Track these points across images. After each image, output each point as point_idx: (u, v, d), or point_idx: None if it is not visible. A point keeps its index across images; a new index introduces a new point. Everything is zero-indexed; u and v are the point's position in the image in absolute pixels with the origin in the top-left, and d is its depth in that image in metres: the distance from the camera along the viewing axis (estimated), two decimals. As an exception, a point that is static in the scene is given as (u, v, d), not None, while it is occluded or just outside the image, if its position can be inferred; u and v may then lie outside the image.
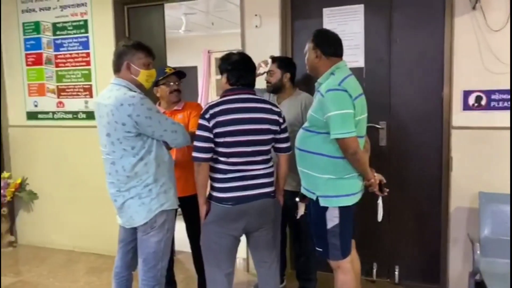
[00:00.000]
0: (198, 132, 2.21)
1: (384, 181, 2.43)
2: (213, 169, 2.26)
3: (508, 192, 2.75)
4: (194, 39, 7.72)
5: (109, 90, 2.25)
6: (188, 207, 2.66)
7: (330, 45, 2.37)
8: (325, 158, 2.27)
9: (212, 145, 2.21)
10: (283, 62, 2.98)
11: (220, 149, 2.22)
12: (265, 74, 3.03)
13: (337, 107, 2.17)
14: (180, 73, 2.91)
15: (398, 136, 3.18)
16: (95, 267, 3.76)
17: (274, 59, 3.01)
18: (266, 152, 2.31)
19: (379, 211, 2.45)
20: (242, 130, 2.20)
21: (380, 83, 3.18)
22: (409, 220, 3.22)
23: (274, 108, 2.31)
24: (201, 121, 2.21)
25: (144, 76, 2.29)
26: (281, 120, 2.32)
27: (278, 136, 2.33)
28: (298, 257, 3.07)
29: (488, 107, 2.87)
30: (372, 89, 3.14)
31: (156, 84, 2.84)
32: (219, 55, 7.53)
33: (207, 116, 2.19)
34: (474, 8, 2.80)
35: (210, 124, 2.18)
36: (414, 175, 3.17)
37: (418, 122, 3.13)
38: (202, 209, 2.29)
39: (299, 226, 2.91)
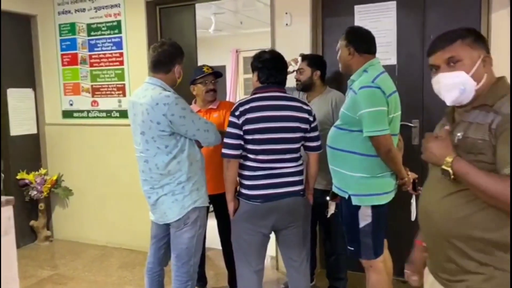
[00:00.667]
0: (228, 129, 2.25)
1: (418, 179, 2.40)
2: (242, 166, 2.29)
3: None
4: (223, 39, 7.78)
5: (144, 89, 2.30)
6: (219, 204, 2.69)
7: (363, 42, 2.35)
8: (358, 156, 2.26)
9: (242, 142, 2.23)
10: (313, 60, 2.97)
11: (249, 146, 2.24)
12: (295, 72, 3.03)
13: (371, 105, 2.16)
14: (217, 73, 2.95)
15: (431, 135, 3.12)
16: (127, 262, 3.84)
17: (304, 57, 3.01)
18: (296, 150, 2.31)
19: (413, 210, 2.42)
20: (271, 127, 2.21)
21: (413, 81, 3.13)
22: (442, 220, 3.15)
23: (304, 106, 2.31)
24: (231, 118, 2.24)
25: (180, 77, 2.41)
26: (311, 119, 2.32)
27: (308, 135, 2.33)
28: (328, 256, 3.06)
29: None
30: (404, 87, 3.09)
31: (193, 82, 2.90)
32: (247, 54, 7.53)
33: (237, 113, 2.22)
34: (512, 3, 2.72)
35: (240, 121, 2.20)
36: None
37: (452, 121, 3.06)
38: (230, 205, 2.32)
39: (329, 225, 2.90)
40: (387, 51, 3.16)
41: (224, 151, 2.24)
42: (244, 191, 2.30)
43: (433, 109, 3.10)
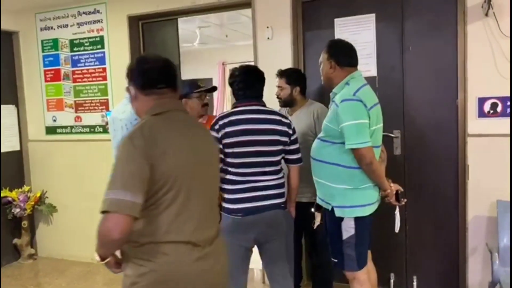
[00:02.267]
0: None
1: (402, 190, 2.41)
2: (223, 180, 2.29)
3: (527, 200, 2.70)
4: (209, 52, 7.81)
5: (124, 104, 2.30)
6: None
7: (344, 55, 2.37)
8: (341, 168, 2.27)
9: (221, 156, 2.23)
10: (292, 77, 2.94)
11: (230, 160, 2.24)
12: (276, 89, 3.01)
13: (352, 117, 2.18)
14: (215, 88, 2.94)
15: (413, 145, 3.15)
16: (112, 279, 3.78)
17: (282, 74, 2.96)
18: (276, 163, 2.32)
19: (397, 222, 2.43)
20: (250, 140, 2.22)
21: (394, 92, 3.17)
22: (427, 229, 3.18)
23: (283, 119, 2.33)
24: (210, 132, 2.24)
25: None
26: (290, 132, 2.33)
27: (288, 148, 2.34)
28: (315, 268, 3.05)
29: (504, 114, 2.83)
30: (385, 97, 3.12)
31: (186, 96, 2.80)
32: (234, 66, 7.57)
33: (216, 127, 2.23)
34: (486, 14, 2.78)
35: (219, 135, 2.21)
36: (430, 184, 3.13)
37: (433, 130, 3.10)
38: None
39: (315, 237, 2.90)
40: (367, 63, 3.19)
41: None
42: (225, 205, 2.29)
43: (414, 120, 3.14)
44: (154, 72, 1.61)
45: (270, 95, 3.04)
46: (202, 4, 3.58)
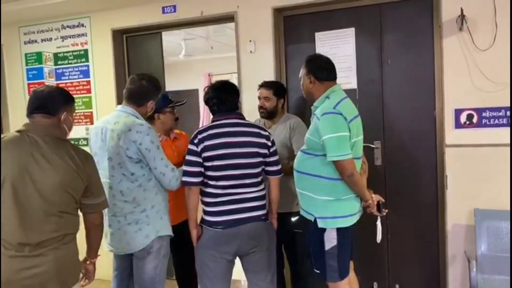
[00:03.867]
0: (188, 157, 2.28)
1: (383, 201, 2.47)
2: (204, 193, 2.31)
3: (503, 208, 2.77)
4: (195, 63, 7.85)
5: (115, 116, 2.30)
6: (180, 234, 2.59)
7: (323, 70, 2.42)
8: (323, 180, 2.31)
9: (202, 169, 2.26)
10: (279, 90, 2.98)
11: (209, 173, 2.27)
12: (259, 101, 3.05)
13: (332, 130, 2.22)
14: (185, 102, 2.95)
15: (393, 155, 3.22)
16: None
17: (270, 85, 2.99)
18: (256, 175, 2.35)
19: (378, 232, 2.47)
20: (229, 153, 2.25)
21: (373, 104, 3.24)
22: (408, 238, 3.23)
23: (262, 132, 2.37)
24: (190, 146, 2.28)
25: (151, 112, 2.48)
26: (269, 143, 2.37)
27: (267, 160, 2.38)
28: (296, 278, 3.08)
29: (479, 124, 2.91)
30: (365, 109, 3.19)
31: (158, 111, 2.76)
32: (220, 78, 7.62)
33: (195, 141, 2.26)
34: (461, 29, 2.87)
35: (199, 149, 2.24)
36: (410, 193, 3.20)
37: (412, 141, 3.17)
38: (193, 232, 2.33)
39: (295, 248, 2.93)
40: (347, 76, 3.27)
41: (184, 179, 2.27)
42: (206, 217, 2.32)
43: (393, 131, 3.21)
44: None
45: (254, 106, 3.10)
46: (186, 18, 3.63)
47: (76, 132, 4.09)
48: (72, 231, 1.99)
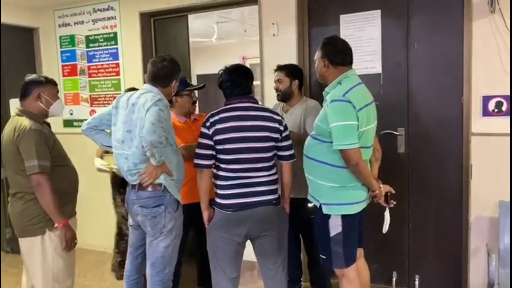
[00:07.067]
0: (200, 140, 2.29)
1: (392, 191, 2.40)
2: (215, 176, 2.34)
3: (530, 201, 2.64)
4: (227, 46, 7.85)
5: (140, 93, 2.34)
6: (195, 213, 2.61)
7: (338, 54, 2.35)
8: (329, 166, 2.28)
9: (213, 152, 2.28)
10: (291, 70, 2.97)
11: (221, 156, 2.28)
12: (274, 83, 3.03)
13: (340, 118, 2.18)
14: (203, 86, 2.98)
15: (417, 143, 3.11)
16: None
17: (281, 67, 2.99)
18: (267, 160, 2.34)
19: (385, 223, 2.42)
20: (241, 137, 2.25)
21: (398, 89, 3.14)
22: (430, 228, 3.14)
23: (274, 116, 2.35)
24: (202, 129, 2.29)
25: (175, 92, 2.53)
26: (282, 128, 2.35)
27: (279, 144, 2.36)
28: (312, 264, 3.07)
29: (509, 113, 2.76)
30: (390, 95, 3.12)
31: (176, 94, 2.77)
32: (254, 61, 7.63)
33: (207, 124, 2.27)
34: (493, 11, 2.71)
35: (210, 132, 2.26)
36: (433, 182, 3.09)
37: (437, 128, 3.06)
38: (205, 214, 2.37)
39: (310, 234, 2.91)
40: (372, 60, 3.18)
41: (196, 161, 2.30)
42: (217, 200, 2.35)
43: (418, 117, 3.10)
44: None
45: (273, 91, 3.08)
46: (211, 1, 3.63)
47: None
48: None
